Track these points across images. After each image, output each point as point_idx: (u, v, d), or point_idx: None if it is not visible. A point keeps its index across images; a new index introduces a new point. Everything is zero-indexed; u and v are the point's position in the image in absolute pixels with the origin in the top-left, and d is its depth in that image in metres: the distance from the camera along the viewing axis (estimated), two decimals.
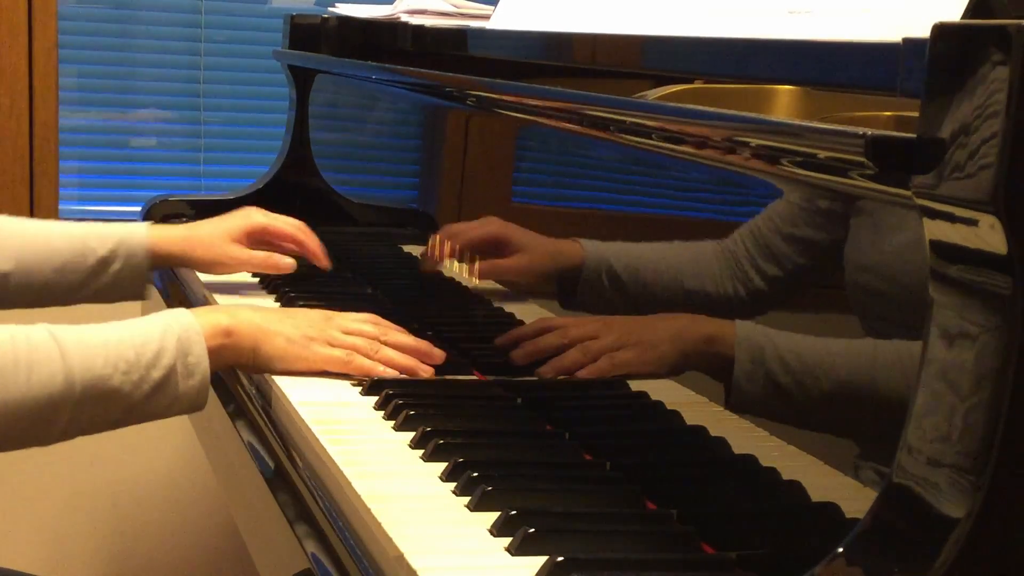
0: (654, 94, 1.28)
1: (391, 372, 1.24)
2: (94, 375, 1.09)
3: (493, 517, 0.90)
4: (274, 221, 1.62)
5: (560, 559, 0.82)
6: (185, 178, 2.56)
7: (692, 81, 1.25)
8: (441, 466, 1.01)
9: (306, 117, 2.06)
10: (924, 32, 0.70)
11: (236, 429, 1.26)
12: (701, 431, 1.00)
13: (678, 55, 1.12)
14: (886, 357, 0.80)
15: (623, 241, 1.16)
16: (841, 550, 0.69)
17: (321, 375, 1.24)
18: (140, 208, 2.01)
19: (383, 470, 1.02)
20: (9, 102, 2.28)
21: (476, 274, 1.39)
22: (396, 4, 1.95)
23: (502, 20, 1.58)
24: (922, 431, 0.68)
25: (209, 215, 1.76)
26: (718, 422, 0.97)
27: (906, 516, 0.68)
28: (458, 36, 1.67)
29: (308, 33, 2.05)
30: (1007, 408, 0.64)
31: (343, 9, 2.03)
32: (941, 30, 0.69)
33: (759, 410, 0.93)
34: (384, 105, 1.84)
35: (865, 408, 0.83)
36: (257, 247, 1.61)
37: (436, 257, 1.51)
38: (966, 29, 0.67)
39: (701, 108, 0.95)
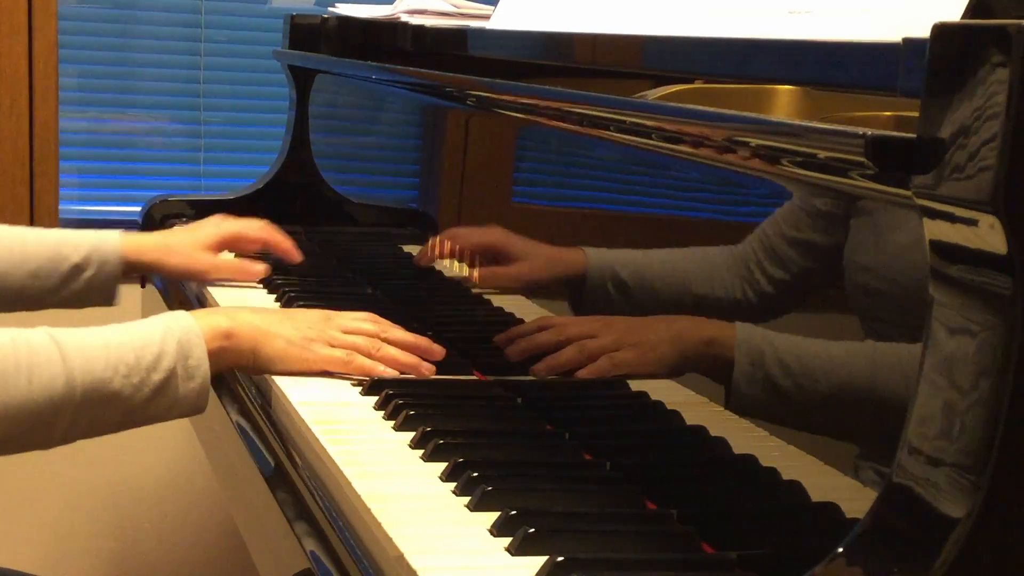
0: (654, 94, 1.28)
1: (391, 372, 1.24)
2: (95, 378, 1.09)
3: (493, 517, 0.90)
4: (245, 228, 1.66)
5: (560, 559, 0.82)
6: (185, 178, 2.56)
7: (692, 81, 1.25)
8: (441, 466, 1.01)
9: (306, 117, 2.06)
10: (924, 32, 0.70)
11: (236, 429, 1.26)
12: (701, 431, 1.00)
13: (678, 55, 1.12)
14: (886, 357, 0.80)
15: (624, 241, 1.16)
16: (841, 550, 0.69)
17: (321, 375, 1.24)
18: (140, 208, 2.01)
19: (383, 470, 1.02)
20: (9, 102, 2.28)
21: (477, 280, 1.38)
22: (396, 4, 1.95)
23: (502, 20, 1.58)
24: (922, 431, 0.68)
25: (209, 215, 1.76)
26: (718, 422, 0.97)
27: (906, 516, 0.68)
28: (458, 36, 1.67)
29: (308, 33, 2.05)
30: (1007, 408, 0.64)
31: (343, 9, 2.03)
32: (941, 30, 0.69)
33: (759, 411, 0.93)
34: (384, 105, 1.84)
35: (865, 408, 0.83)
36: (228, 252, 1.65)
37: (434, 257, 1.51)
38: (966, 29, 0.67)
39: (701, 108, 0.95)
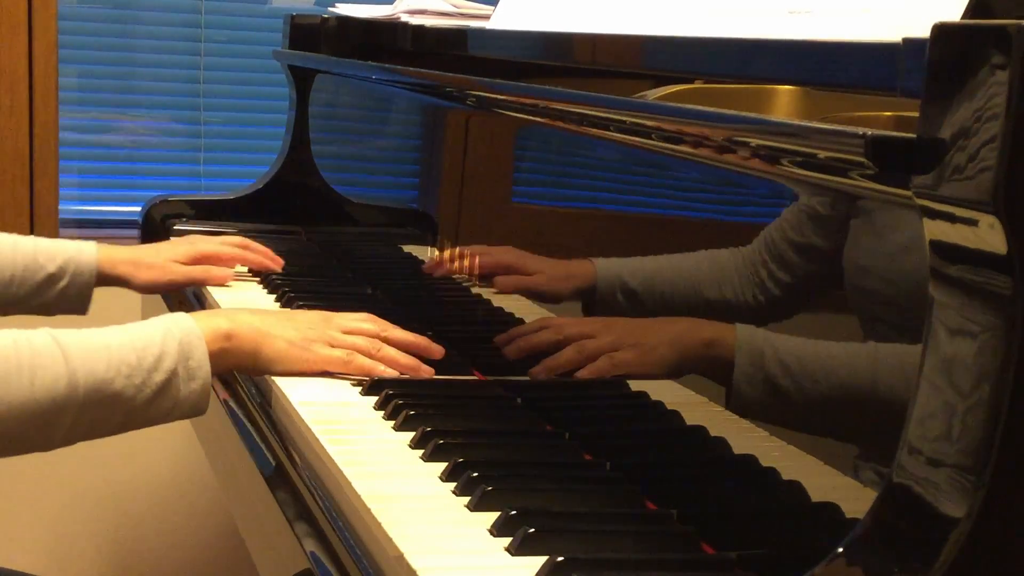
0: (654, 94, 1.28)
1: (391, 372, 1.24)
2: (97, 378, 1.09)
3: (493, 517, 0.90)
4: (219, 248, 1.67)
5: (560, 559, 0.81)
6: (185, 178, 2.56)
7: (692, 81, 1.25)
8: (441, 466, 1.01)
9: (306, 117, 2.06)
10: (924, 32, 0.70)
11: (236, 429, 1.26)
12: (701, 431, 0.99)
13: (678, 55, 1.12)
14: (886, 358, 0.80)
15: (624, 241, 1.16)
16: (841, 550, 0.69)
17: (322, 375, 1.24)
18: (140, 208, 2.01)
19: (383, 470, 1.02)
20: (9, 102, 2.28)
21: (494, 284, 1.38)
22: (396, 4, 1.95)
23: (502, 20, 1.58)
24: (922, 431, 0.68)
25: (209, 215, 1.76)
26: (718, 422, 0.97)
27: (906, 516, 0.68)
28: (458, 36, 1.67)
29: (308, 33, 2.05)
30: (1007, 408, 0.64)
31: (343, 9, 2.03)
32: (941, 30, 0.69)
33: (760, 412, 0.93)
34: (384, 105, 1.84)
35: (865, 409, 0.83)
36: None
37: (444, 271, 1.50)
38: (966, 29, 0.67)
39: (701, 108, 0.95)
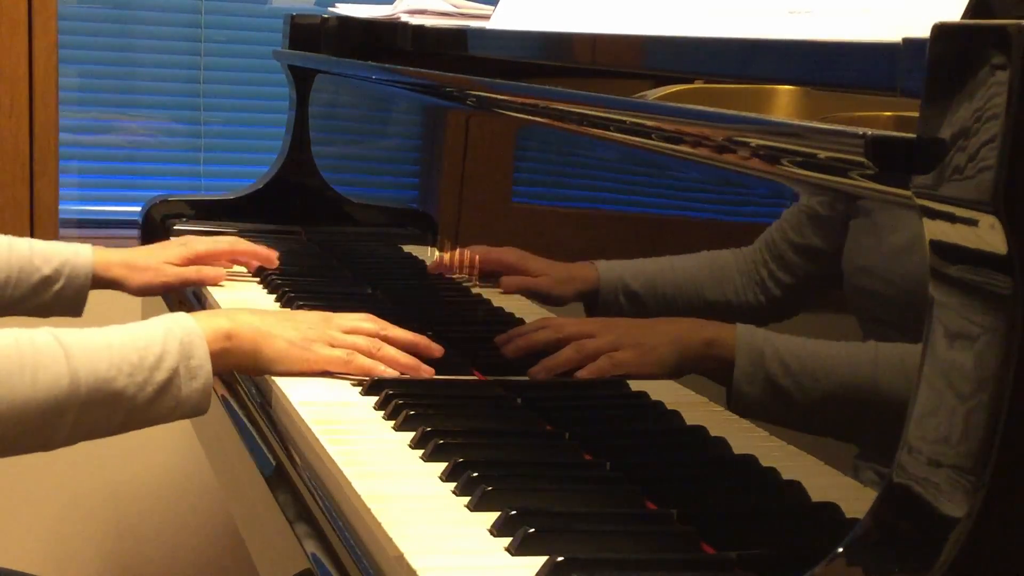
0: (654, 94, 1.28)
1: (391, 372, 1.24)
2: (99, 377, 1.09)
3: (493, 517, 0.90)
4: (212, 247, 1.68)
5: (560, 559, 0.81)
6: (185, 178, 2.56)
7: (692, 81, 1.25)
8: (441, 466, 1.01)
9: (306, 117, 2.06)
10: (924, 32, 0.70)
11: (236, 429, 1.26)
12: (701, 431, 0.99)
13: (678, 55, 1.12)
14: (886, 358, 0.80)
15: (624, 241, 1.16)
16: (841, 550, 0.69)
17: (322, 375, 1.24)
18: (140, 208, 2.01)
19: (383, 470, 1.02)
20: (9, 102, 2.28)
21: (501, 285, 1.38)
22: (396, 4, 1.95)
23: (502, 20, 1.58)
24: (922, 431, 0.68)
25: (209, 215, 1.76)
26: (718, 422, 0.97)
27: (906, 516, 0.68)
28: (458, 36, 1.67)
29: (308, 33, 2.05)
30: (1007, 408, 0.64)
31: (343, 9, 2.03)
32: (941, 30, 0.68)
33: (760, 412, 0.93)
34: (384, 105, 1.84)
35: (865, 408, 0.83)
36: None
37: (446, 271, 1.50)
38: (966, 29, 0.67)
39: (701, 108, 0.95)
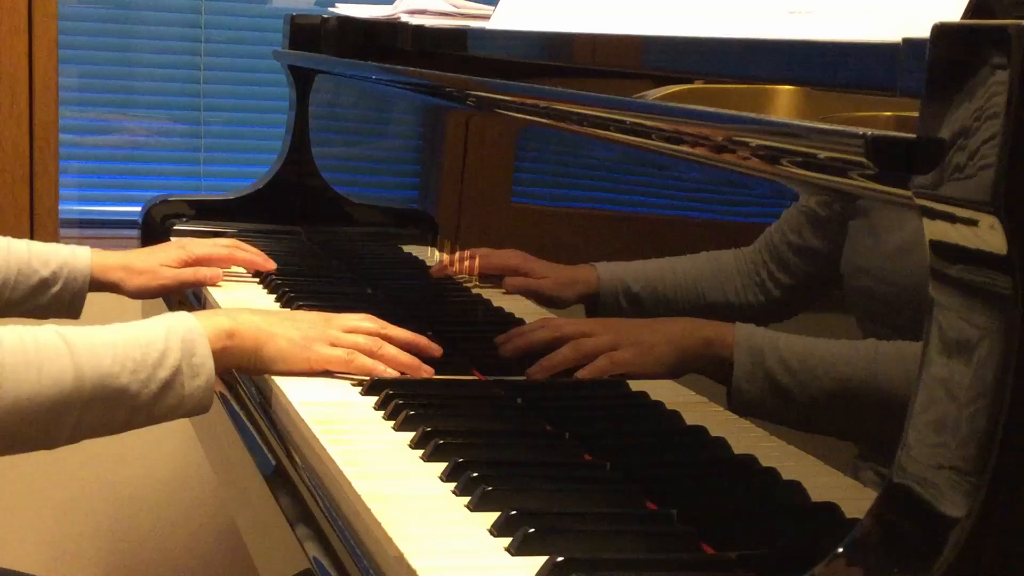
0: (654, 94, 1.28)
1: (392, 372, 1.24)
2: (103, 373, 1.09)
3: (493, 517, 0.90)
4: (211, 250, 1.68)
5: (560, 559, 0.81)
6: (185, 178, 2.56)
7: (692, 81, 1.25)
8: (441, 466, 1.01)
9: (306, 117, 2.06)
10: (924, 32, 0.70)
11: (236, 429, 1.26)
12: (701, 431, 0.99)
13: (678, 55, 1.12)
14: (887, 358, 0.80)
15: (624, 241, 1.16)
16: (841, 550, 0.69)
17: (323, 375, 1.24)
18: (140, 208, 2.01)
19: (383, 470, 1.02)
20: (9, 102, 2.28)
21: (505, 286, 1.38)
22: (396, 4, 1.95)
23: (502, 20, 1.58)
24: (922, 431, 0.68)
25: (209, 215, 1.76)
26: (718, 422, 0.97)
27: (906, 516, 0.68)
28: (458, 36, 1.67)
29: (308, 33, 2.05)
30: (1007, 408, 0.64)
31: (343, 9, 2.03)
32: (941, 30, 0.69)
33: (760, 410, 0.93)
34: (384, 105, 1.84)
35: (865, 408, 0.83)
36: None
37: (446, 272, 1.50)
38: (966, 29, 0.67)
39: (701, 108, 0.95)
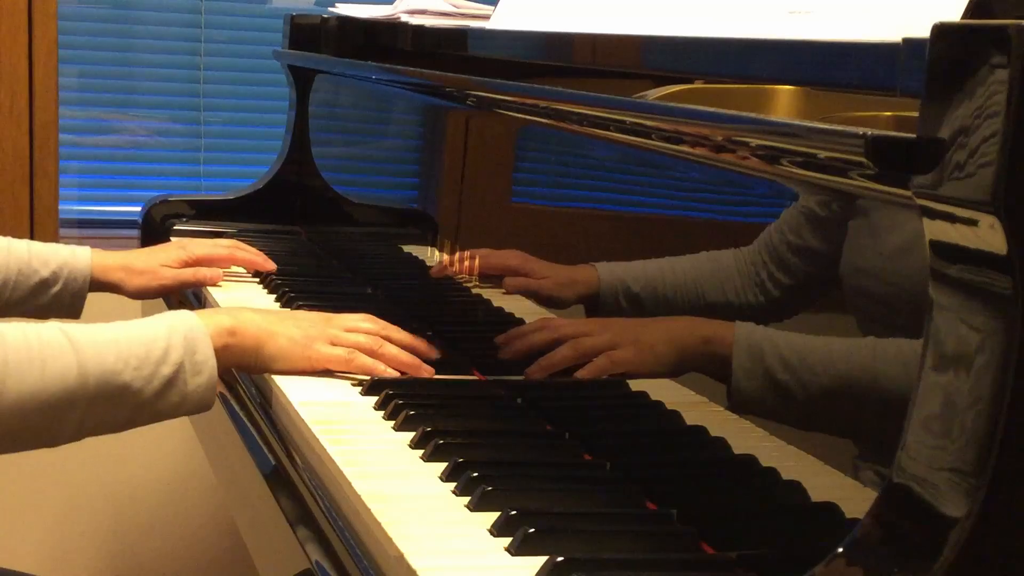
0: (654, 94, 1.28)
1: (392, 372, 1.24)
2: (106, 370, 1.09)
3: (493, 517, 0.90)
4: (211, 250, 1.68)
5: (560, 559, 0.81)
6: (185, 178, 2.56)
7: (692, 81, 1.25)
8: (441, 466, 1.01)
9: (306, 117, 2.06)
10: (924, 32, 0.70)
11: (236, 429, 1.26)
12: (701, 431, 0.99)
13: (678, 55, 1.12)
14: (886, 357, 0.80)
15: (624, 241, 1.16)
16: (841, 550, 0.69)
17: (323, 374, 1.24)
18: (140, 208, 2.01)
19: (383, 470, 1.02)
20: (9, 102, 2.28)
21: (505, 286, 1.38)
22: (396, 4, 1.95)
23: (502, 20, 1.58)
24: (922, 431, 0.68)
25: (209, 215, 1.76)
26: (718, 422, 0.97)
27: (906, 516, 0.68)
28: (458, 36, 1.67)
29: (308, 33, 2.05)
30: (1007, 408, 0.64)
31: (343, 9, 2.03)
32: (941, 30, 0.69)
33: (760, 411, 0.93)
34: (384, 105, 1.84)
35: (865, 408, 0.83)
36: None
37: (446, 272, 1.50)
38: (966, 29, 0.67)
39: (701, 108, 0.95)
